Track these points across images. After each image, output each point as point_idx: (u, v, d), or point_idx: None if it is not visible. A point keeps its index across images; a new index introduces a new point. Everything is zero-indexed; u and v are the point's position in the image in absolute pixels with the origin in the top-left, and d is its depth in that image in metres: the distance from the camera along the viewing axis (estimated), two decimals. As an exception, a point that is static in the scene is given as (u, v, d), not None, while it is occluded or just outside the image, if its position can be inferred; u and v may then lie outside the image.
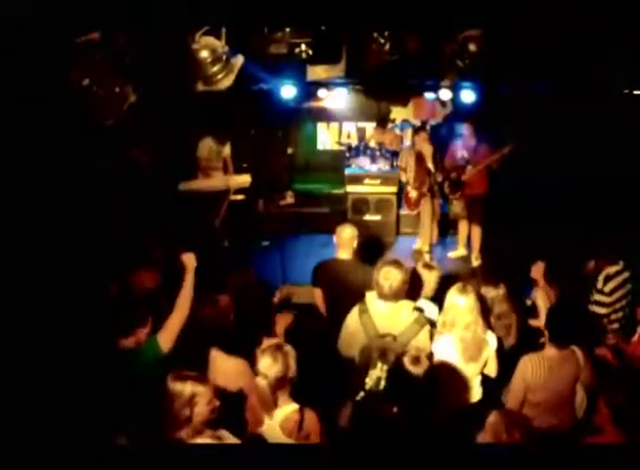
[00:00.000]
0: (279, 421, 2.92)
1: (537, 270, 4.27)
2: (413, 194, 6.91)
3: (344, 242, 4.24)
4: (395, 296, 3.49)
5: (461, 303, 3.51)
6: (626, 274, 4.49)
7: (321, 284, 4.31)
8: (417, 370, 3.05)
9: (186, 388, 2.70)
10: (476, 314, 3.51)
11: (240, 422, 3.11)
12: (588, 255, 4.79)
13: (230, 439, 2.79)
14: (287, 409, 2.94)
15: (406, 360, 3.09)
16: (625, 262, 4.53)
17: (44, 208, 4.43)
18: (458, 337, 3.49)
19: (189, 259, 3.54)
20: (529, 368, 3.32)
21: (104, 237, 4.78)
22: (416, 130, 7.04)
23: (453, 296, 3.56)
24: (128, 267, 4.14)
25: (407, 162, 6.94)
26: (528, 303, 4.34)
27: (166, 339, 3.22)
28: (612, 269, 4.50)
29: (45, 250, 4.30)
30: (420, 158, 6.73)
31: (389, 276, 3.46)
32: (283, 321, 3.91)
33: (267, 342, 3.37)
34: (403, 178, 7.11)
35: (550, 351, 3.39)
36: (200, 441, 2.67)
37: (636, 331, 4.01)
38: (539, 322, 4.17)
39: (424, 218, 6.96)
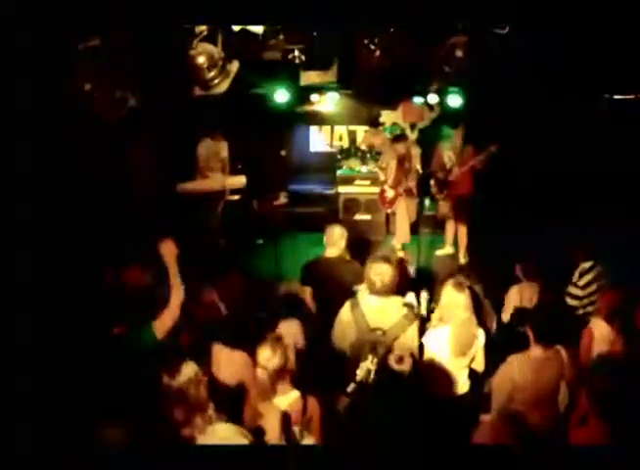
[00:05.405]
0: (282, 409, 2.97)
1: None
2: (390, 193, 6.94)
3: (334, 240, 4.38)
4: (387, 291, 3.53)
5: (459, 300, 3.53)
6: (599, 269, 4.62)
7: (310, 282, 4.40)
8: (401, 368, 3.13)
9: (188, 370, 2.64)
10: (470, 311, 3.56)
11: (240, 413, 3.16)
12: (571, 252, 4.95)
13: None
14: (290, 397, 3.03)
15: (391, 359, 3.18)
16: (596, 259, 4.66)
17: (43, 205, 4.58)
18: (452, 332, 3.51)
19: (167, 248, 3.26)
20: (516, 369, 3.32)
21: (102, 235, 4.94)
22: (394, 139, 6.98)
23: (451, 293, 3.57)
24: (124, 264, 4.20)
25: (388, 163, 6.95)
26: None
27: (160, 328, 3.15)
28: (586, 264, 4.66)
29: (43, 244, 4.44)
30: (401, 161, 6.77)
31: (380, 272, 3.50)
32: None
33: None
34: (382, 177, 7.11)
35: (535, 351, 3.37)
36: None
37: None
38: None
39: (398, 217, 7.01)
